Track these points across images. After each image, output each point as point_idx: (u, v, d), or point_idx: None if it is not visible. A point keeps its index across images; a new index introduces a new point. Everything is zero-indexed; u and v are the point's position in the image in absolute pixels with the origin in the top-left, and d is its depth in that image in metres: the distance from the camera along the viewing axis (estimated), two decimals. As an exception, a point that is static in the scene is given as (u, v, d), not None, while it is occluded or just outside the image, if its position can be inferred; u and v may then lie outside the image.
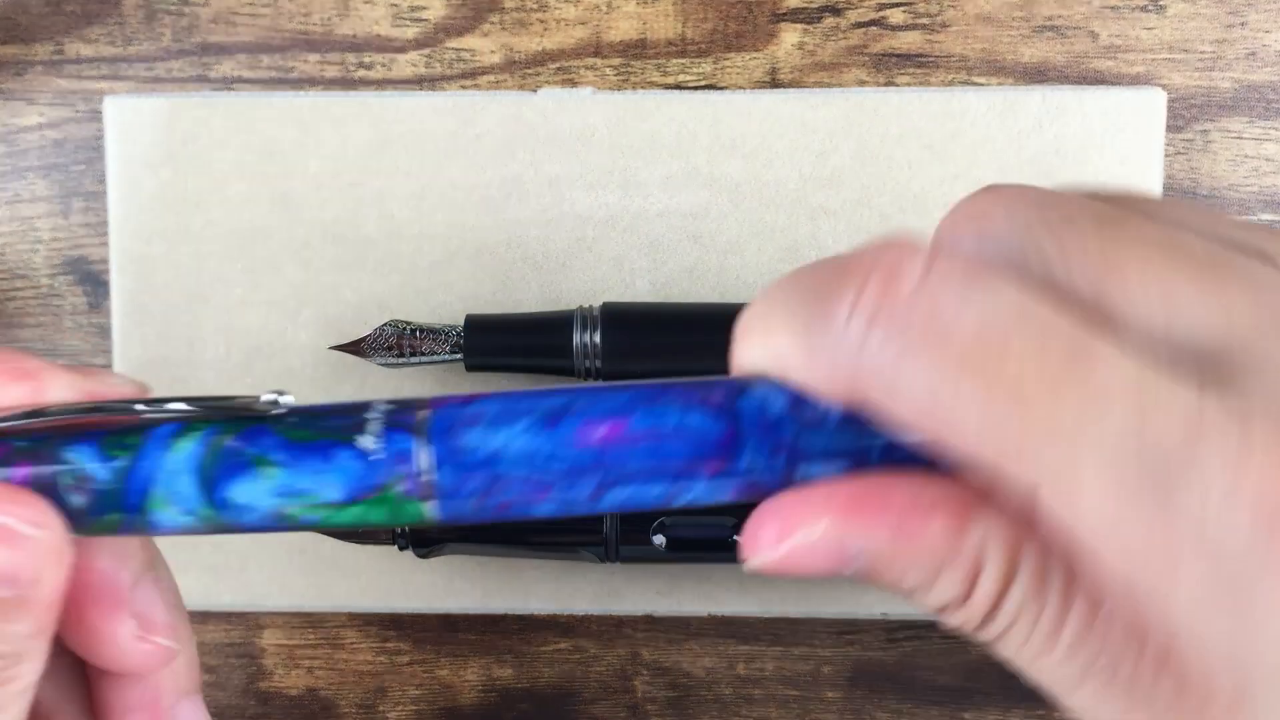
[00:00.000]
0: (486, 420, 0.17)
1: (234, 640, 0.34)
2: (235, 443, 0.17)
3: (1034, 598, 0.15)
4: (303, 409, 0.18)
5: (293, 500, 0.17)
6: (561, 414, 0.17)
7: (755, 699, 0.34)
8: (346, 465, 0.17)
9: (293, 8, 0.32)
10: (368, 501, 0.17)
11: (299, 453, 0.17)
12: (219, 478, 0.17)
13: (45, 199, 0.33)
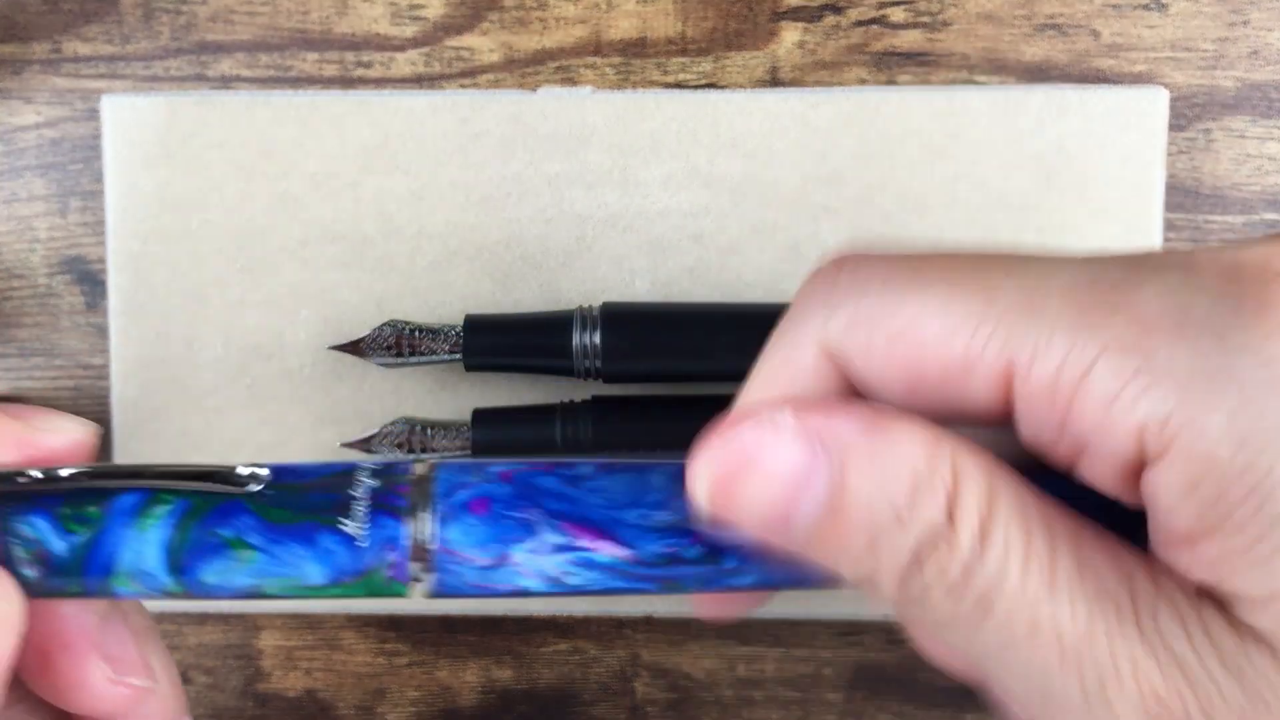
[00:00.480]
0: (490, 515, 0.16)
1: (232, 642, 0.34)
2: (208, 524, 0.16)
3: (1019, 523, 0.15)
4: (282, 483, 0.16)
5: (269, 581, 0.16)
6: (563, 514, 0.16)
7: (756, 701, 0.34)
8: (330, 550, 0.16)
9: (291, 6, 0.32)
10: (349, 585, 0.16)
11: (278, 536, 0.16)
12: (189, 561, 0.16)
13: (42, 198, 0.33)
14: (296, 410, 0.32)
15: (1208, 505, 0.14)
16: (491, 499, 0.16)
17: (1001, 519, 0.15)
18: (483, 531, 0.16)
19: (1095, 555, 0.15)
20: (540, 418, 0.30)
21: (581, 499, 0.16)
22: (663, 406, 0.31)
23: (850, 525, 0.15)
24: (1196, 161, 0.32)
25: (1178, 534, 0.14)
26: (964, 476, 0.15)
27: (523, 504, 0.16)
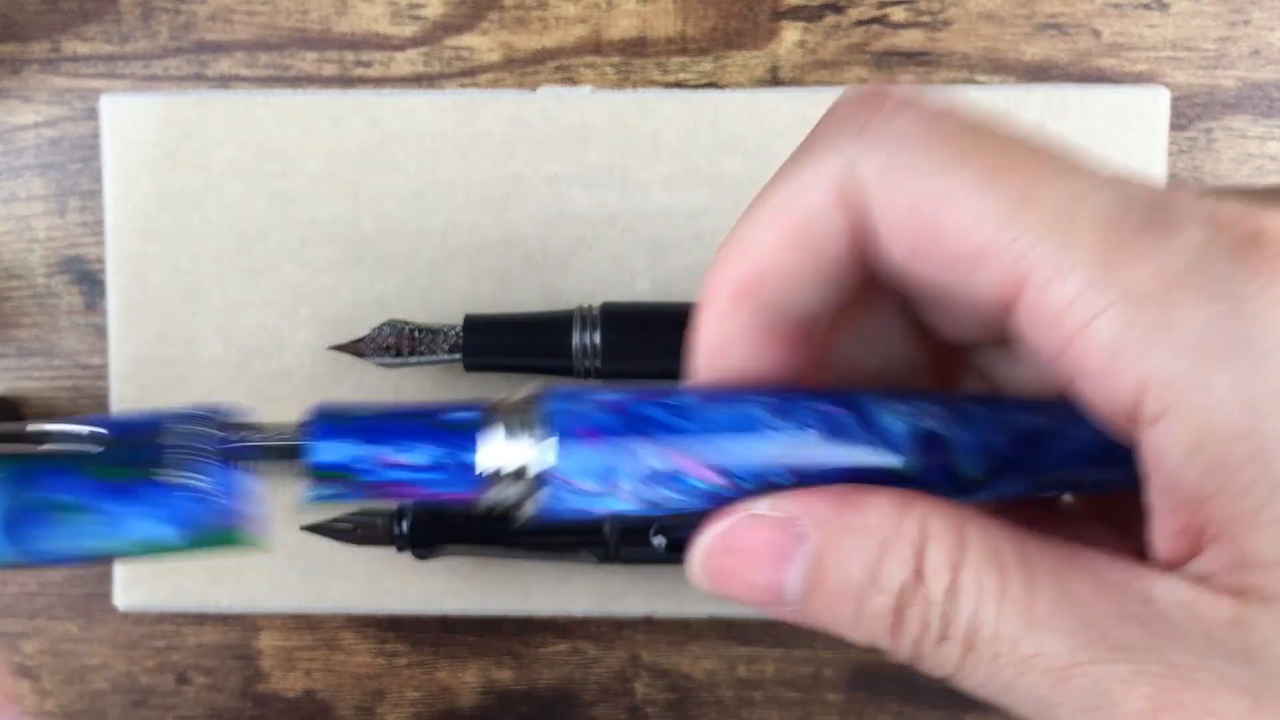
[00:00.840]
0: None
1: (231, 642, 0.34)
2: (39, 488, 0.15)
3: (992, 567, 0.15)
4: (118, 438, 0.16)
5: (115, 544, 0.16)
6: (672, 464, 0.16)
7: (756, 701, 0.34)
8: (174, 505, 0.15)
9: (290, 5, 0.32)
10: (200, 539, 0.16)
11: (116, 495, 0.15)
12: (24, 529, 0.15)
13: (41, 198, 0.33)
14: (296, 410, 0.32)
15: (1212, 468, 0.14)
16: (602, 430, 0.16)
17: (972, 567, 0.15)
18: (594, 461, 0.16)
19: (1079, 584, 0.15)
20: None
21: (686, 430, 0.16)
22: (663, 406, 0.30)
23: (834, 595, 0.16)
24: (1198, 161, 0.32)
25: (1183, 495, 0.15)
26: (930, 535, 0.16)
27: (633, 435, 0.16)
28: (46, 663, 0.34)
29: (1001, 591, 0.15)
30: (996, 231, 0.15)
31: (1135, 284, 0.14)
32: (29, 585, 0.34)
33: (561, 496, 0.16)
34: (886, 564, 0.16)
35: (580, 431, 0.16)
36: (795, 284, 0.17)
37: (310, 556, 0.33)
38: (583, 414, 0.16)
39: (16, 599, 0.34)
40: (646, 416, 0.16)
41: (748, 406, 0.16)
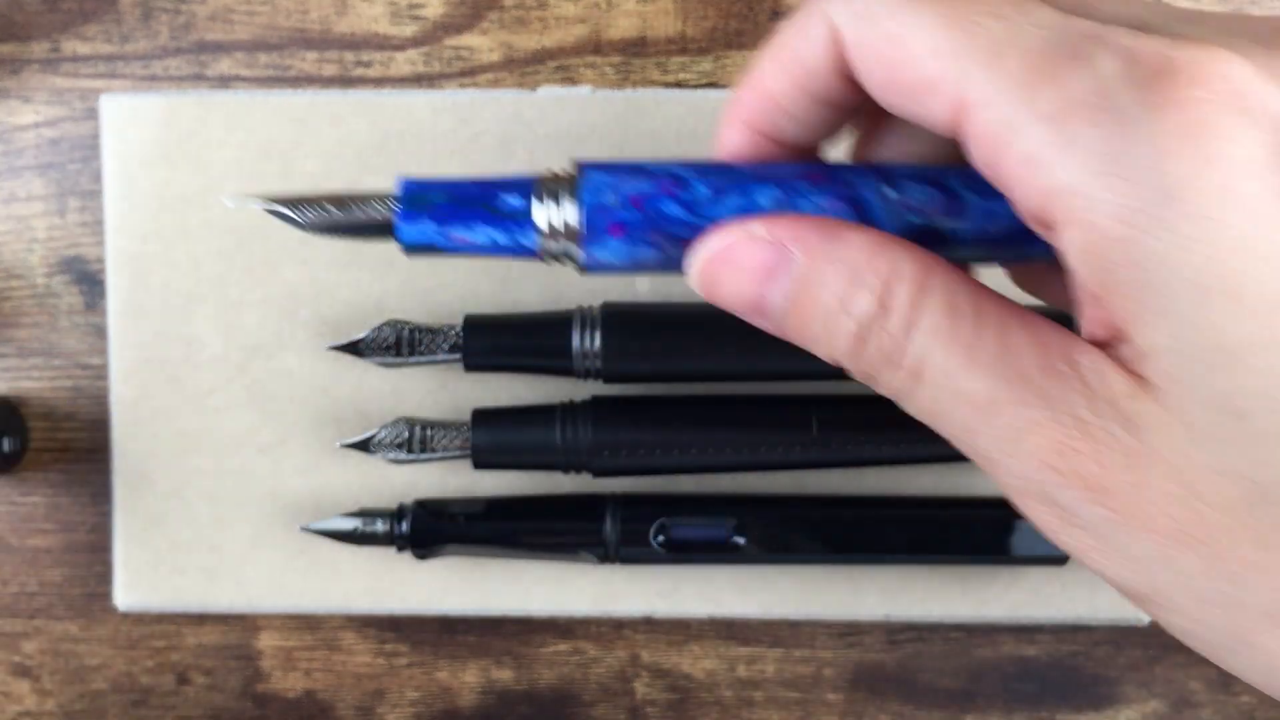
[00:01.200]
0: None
1: (231, 642, 0.34)
2: None
3: (947, 311, 0.18)
4: None
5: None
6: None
7: (756, 701, 0.34)
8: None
9: (290, 5, 0.32)
10: None
11: None
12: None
13: (41, 198, 0.33)
14: (296, 410, 0.32)
15: (1103, 272, 0.17)
16: (626, 224, 0.20)
17: (929, 308, 0.18)
18: (620, 250, 0.20)
19: (1020, 339, 0.18)
20: (540, 418, 0.30)
21: (700, 224, 0.20)
22: (663, 406, 0.30)
23: (808, 315, 0.19)
24: (1198, 161, 0.32)
25: (1084, 292, 0.18)
26: (898, 274, 0.18)
27: (652, 231, 0.20)
28: (46, 662, 0.34)
29: (951, 333, 0.18)
30: (944, 64, 0.18)
31: (1048, 107, 0.17)
32: (29, 585, 0.34)
33: (596, 255, 0.20)
34: (857, 294, 0.19)
35: (609, 227, 0.20)
36: (795, 110, 0.20)
37: (310, 557, 0.33)
38: (611, 209, 0.20)
39: (17, 599, 0.34)
40: (664, 214, 0.20)
41: (754, 195, 0.20)
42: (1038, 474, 0.18)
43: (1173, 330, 0.17)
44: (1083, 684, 0.34)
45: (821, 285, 0.19)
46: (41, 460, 0.34)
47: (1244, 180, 0.16)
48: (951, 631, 0.34)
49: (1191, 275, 0.16)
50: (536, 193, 0.20)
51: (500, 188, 0.21)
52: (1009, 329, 0.18)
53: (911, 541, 0.31)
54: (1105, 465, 0.17)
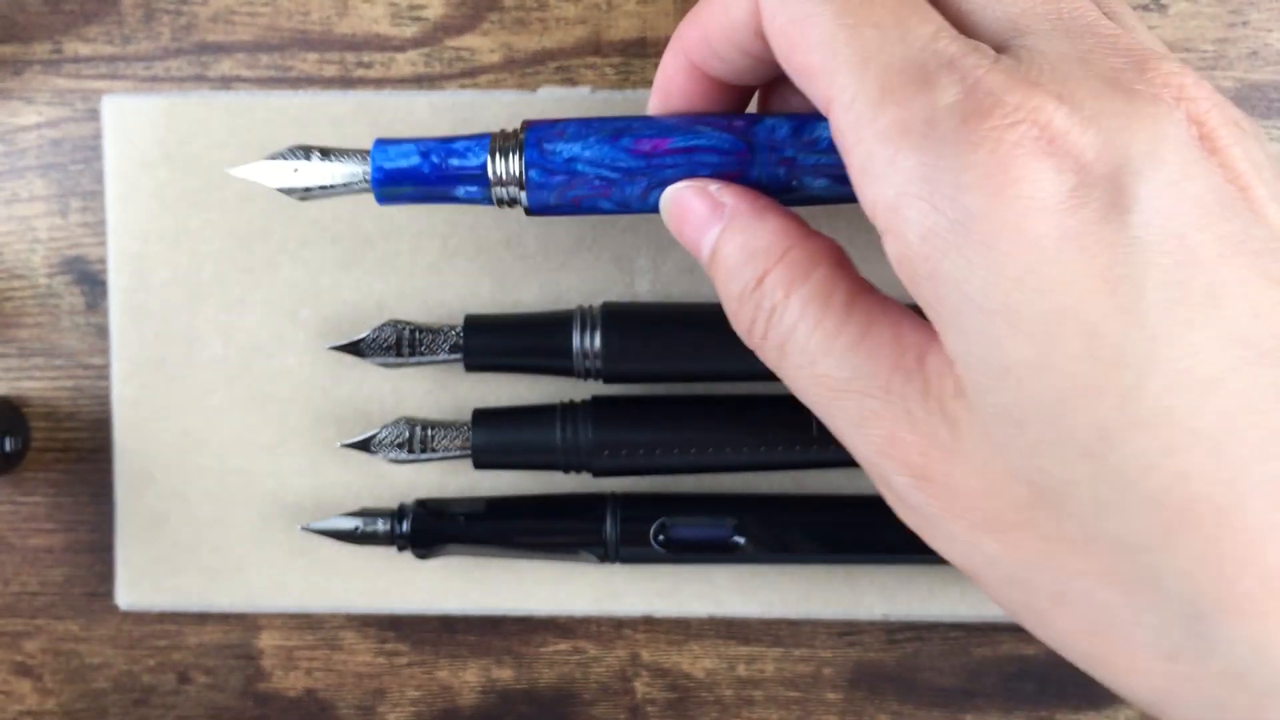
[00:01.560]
0: (567, 136, 0.24)
1: (232, 641, 0.34)
2: None
3: (819, 302, 0.21)
4: None
5: None
6: (623, 132, 0.24)
7: (756, 701, 0.34)
8: None
9: (291, 6, 0.32)
10: None
11: None
12: None
13: (43, 198, 0.33)
14: (296, 410, 0.32)
15: (910, 281, 0.19)
16: (558, 172, 0.25)
17: (801, 296, 0.21)
18: (557, 194, 0.25)
19: (882, 335, 0.20)
20: (540, 418, 0.30)
21: (626, 167, 0.24)
22: (663, 406, 0.31)
23: (718, 264, 0.23)
24: (1196, 162, 0.32)
25: (909, 290, 0.19)
26: (785, 260, 0.21)
27: (577, 177, 0.25)
28: (48, 662, 0.34)
29: (818, 320, 0.21)
30: (824, 59, 0.20)
31: (887, 126, 0.19)
32: (30, 585, 0.34)
33: (538, 196, 0.25)
34: (746, 262, 0.22)
35: (545, 182, 0.25)
36: (722, 53, 0.23)
37: (311, 556, 0.33)
38: (545, 165, 0.24)
39: (18, 598, 0.34)
40: (590, 164, 0.24)
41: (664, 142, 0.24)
42: (875, 458, 0.20)
43: (966, 344, 0.19)
44: (1081, 683, 0.34)
45: (729, 246, 0.22)
46: (43, 460, 0.34)
47: (1035, 218, 0.18)
48: (951, 631, 0.34)
49: (978, 298, 0.18)
50: (490, 150, 0.25)
51: (457, 154, 0.25)
52: (875, 325, 0.20)
53: (911, 541, 0.31)
54: (927, 457, 0.19)
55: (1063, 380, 0.18)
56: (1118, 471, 0.18)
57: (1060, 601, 0.19)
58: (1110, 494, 0.18)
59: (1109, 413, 0.18)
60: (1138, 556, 0.18)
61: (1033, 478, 0.19)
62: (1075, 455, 0.18)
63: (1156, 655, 0.18)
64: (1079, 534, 0.18)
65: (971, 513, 0.19)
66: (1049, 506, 0.19)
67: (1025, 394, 0.18)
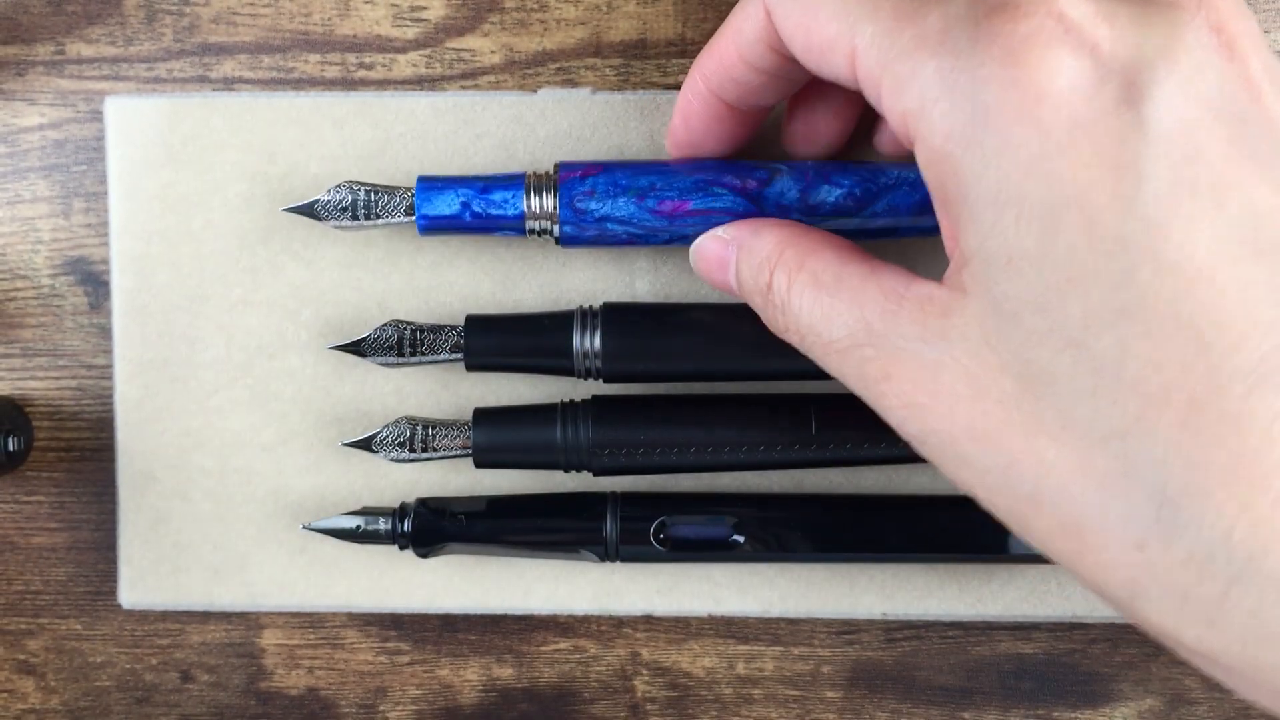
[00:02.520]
0: (597, 194, 0.28)
1: (234, 640, 0.34)
2: None
3: (811, 283, 0.23)
4: None
5: None
6: (647, 192, 0.28)
7: (755, 699, 0.34)
8: None
9: (293, 8, 0.32)
10: None
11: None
12: None
13: (46, 199, 0.33)
14: (298, 410, 0.32)
15: (937, 184, 0.20)
16: (589, 212, 0.28)
17: (800, 283, 0.23)
18: (587, 230, 0.29)
19: (870, 291, 0.22)
20: (540, 417, 0.30)
21: (653, 208, 0.28)
22: (663, 406, 0.31)
23: (745, 290, 0.26)
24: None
25: (936, 206, 0.21)
26: (780, 260, 0.24)
27: (609, 220, 0.29)
28: (51, 660, 0.34)
29: (814, 299, 0.23)
30: (839, 23, 0.21)
31: (907, 43, 0.20)
32: (33, 584, 0.34)
33: (570, 240, 0.29)
34: (757, 274, 0.25)
35: (577, 235, 0.29)
36: (737, 75, 0.25)
37: (313, 555, 0.33)
38: (577, 222, 0.28)
39: (21, 597, 0.34)
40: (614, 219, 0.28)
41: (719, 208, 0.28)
42: (879, 401, 0.22)
43: (977, 238, 0.19)
44: (1079, 681, 0.34)
45: (743, 268, 0.25)
46: (46, 460, 0.34)
47: (1048, 104, 0.18)
48: (949, 629, 0.34)
49: (992, 189, 0.19)
50: (525, 192, 0.28)
51: (496, 205, 0.29)
52: (864, 285, 0.22)
53: (909, 540, 0.31)
54: (915, 383, 0.21)
55: (1059, 270, 0.18)
56: (1099, 358, 0.18)
57: (1037, 501, 0.20)
58: (1089, 381, 0.18)
59: (1098, 301, 0.18)
60: (1111, 443, 0.18)
61: (1020, 370, 0.19)
62: (1062, 345, 0.19)
63: (1126, 545, 0.19)
64: (1057, 425, 0.19)
65: (958, 424, 0.20)
66: (1032, 398, 0.19)
67: (1024, 285, 0.19)
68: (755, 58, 0.25)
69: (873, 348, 0.22)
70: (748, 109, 0.27)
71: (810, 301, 0.23)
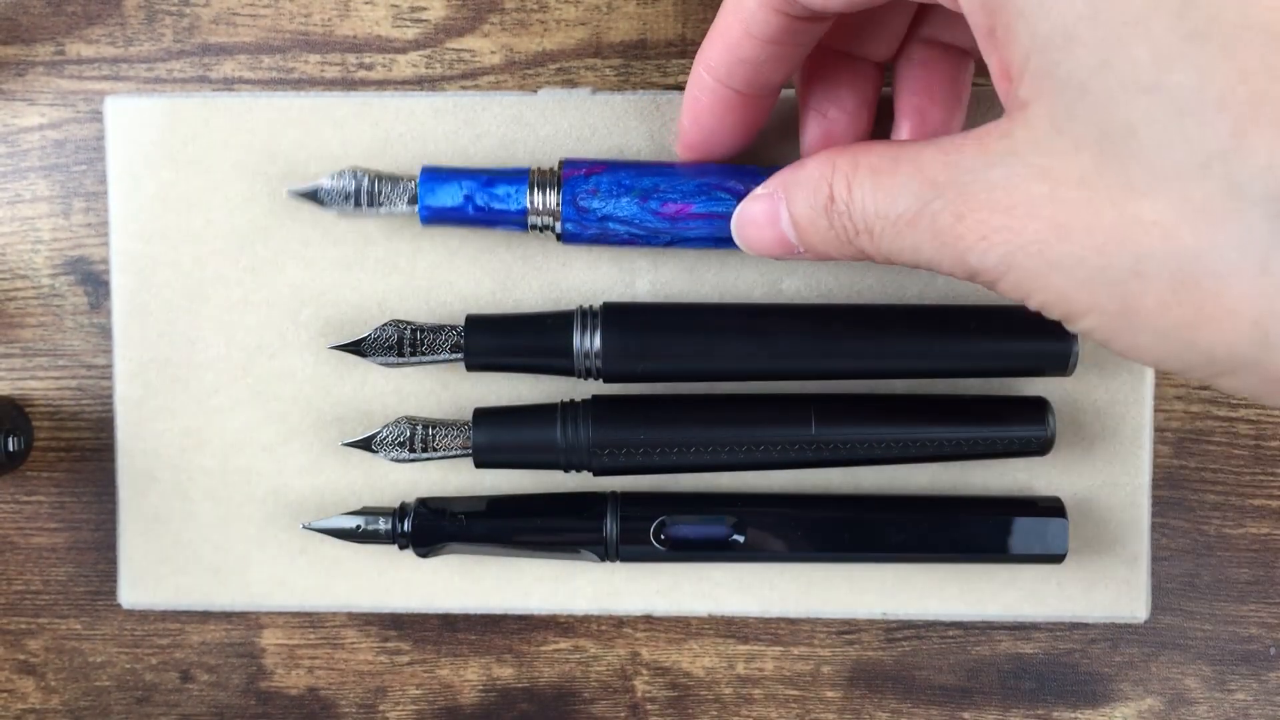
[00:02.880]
0: (600, 193, 0.28)
1: (234, 640, 0.34)
2: None
3: (869, 175, 0.23)
4: None
5: None
6: (650, 193, 0.28)
7: (755, 699, 0.34)
8: None
9: (293, 8, 0.32)
10: None
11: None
12: None
13: (46, 199, 0.33)
14: (298, 409, 0.32)
15: (981, 10, 0.20)
16: (591, 209, 0.29)
17: (858, 180, 0.23)
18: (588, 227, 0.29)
19: (928, 156, 0.22)
20: (540, 417, 0.30)
21: (658, 207, 0.29)
22: (663, 406, 0.31)
23: (804, 230, 0.25)
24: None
25: (982, 39, 0.21)
26: (835, 168, 0.24)
27: (612, 216, 0.29)
28: (51, 660, 0.34)
29: (875, 185, 0.23)
30: None
31: None
32: (34, 583, 0.34)
33: (573, 237, 0.29)
34: (814, 196, 0.24)
35: (579, 232, 0.29)
36: (743, 53, 0.25)
37: (313, 555, 0.33)
38: (580, 220, 0.29)
39: (21, 596, 0.34)
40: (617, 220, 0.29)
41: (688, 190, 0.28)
42: (956, 246, 0.21)
43: (1029, 26, 0.19)
44: (1079, 681, 0.34)
45: (797, 204, 0.25)
46: (46, 459, 0.34)
47: None
48: (949, 629, 0.34)
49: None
50: (529, 188, 0.29)
51: (499, 199, 0.29)
52: (920, 153, 0.22)
53: (909, 540, 0.31)
54: (989, 207, 0.20)
55: (1115, 18, 0.18)
56: (1178, 91, 0.18)
57: (1142, 273, 0.19)
58: (1173, 119, 0.18)
59: (1162, 35, 0.18)
60: (1210, 169, 0.18)
61: (1097, 138, 0.19)
62: (1136, 93, 0.18)
63: (1249, 273, 0.18)
64: (1147, 179, 0.18)
65: (1037, 225, 0.20)
66: (1115, 163, 0.19)
67: (1084, 50, 0.19)
68: (760, 26, 0.24)
69: (940, 199, 0.21)
70: (757, 92, 0.27)
71: (871, 189, 0.23)
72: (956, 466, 0.32)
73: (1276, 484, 0.34)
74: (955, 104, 0.28)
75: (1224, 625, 0.34)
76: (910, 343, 0.30)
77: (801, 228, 0.25)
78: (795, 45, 0.25)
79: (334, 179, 0.30)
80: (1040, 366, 0.30)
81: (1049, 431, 0.30)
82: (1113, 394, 0.32)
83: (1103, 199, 0.19)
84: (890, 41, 0.28)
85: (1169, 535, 0.34)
